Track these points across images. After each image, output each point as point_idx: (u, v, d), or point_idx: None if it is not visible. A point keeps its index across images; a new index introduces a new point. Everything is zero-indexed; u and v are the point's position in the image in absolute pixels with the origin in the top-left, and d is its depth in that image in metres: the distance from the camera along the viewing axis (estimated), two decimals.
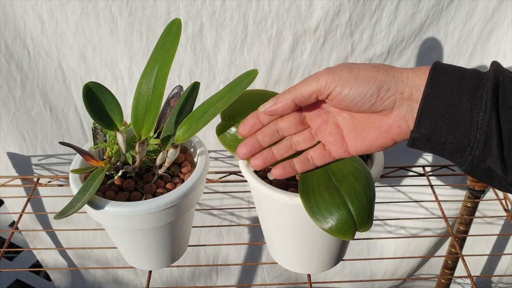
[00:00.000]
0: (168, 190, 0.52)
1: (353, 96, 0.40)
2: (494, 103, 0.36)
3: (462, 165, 0.38)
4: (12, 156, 0.81)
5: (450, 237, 0.87)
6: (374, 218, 0.46)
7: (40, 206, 0.89)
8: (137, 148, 0.52)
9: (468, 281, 1.07)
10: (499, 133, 0.36)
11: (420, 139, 0.39)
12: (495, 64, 0.38)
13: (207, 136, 0.80)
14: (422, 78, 0.38)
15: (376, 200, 0.46)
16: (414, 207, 0.92)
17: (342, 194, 0.44)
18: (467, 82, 0.37)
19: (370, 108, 0.40)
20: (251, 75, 0.48)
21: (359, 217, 0.43)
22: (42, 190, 0.87)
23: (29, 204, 0.75)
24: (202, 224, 0.94)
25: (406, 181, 0.87)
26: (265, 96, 0.49)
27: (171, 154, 0.53)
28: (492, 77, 0.37)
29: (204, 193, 0.59)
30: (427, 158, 0.87)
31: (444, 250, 0.99)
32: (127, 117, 0.53)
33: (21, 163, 0.82)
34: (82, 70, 0.71)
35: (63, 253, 0.97)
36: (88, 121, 0.78)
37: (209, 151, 0.84)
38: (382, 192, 0.89)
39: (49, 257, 0.98)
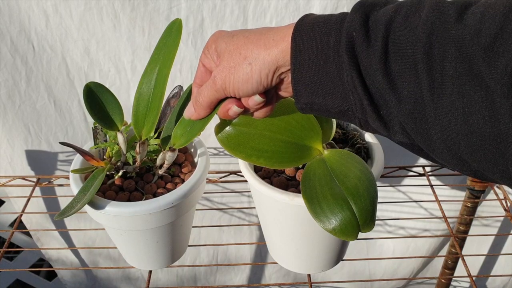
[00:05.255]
0: (169, 190, 0.52)
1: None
2: (352, 62, 0.32)
3: (357, 126, 0.36)
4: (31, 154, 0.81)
5: (450, 237, 0.86)
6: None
7: (41, 205, 0.89)
8: (137, 148, 0.52)
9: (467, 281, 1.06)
10: (367, 92, 0.32)
11: (305, 109, 0.37)
12: (353, 11, 0.33)
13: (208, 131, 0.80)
14: (287, 41, 0.35)
15: None
16: (414, 207, 0.92)
17: (345, 195, 0.44)
18: (331, 42, 0.33)
19: None
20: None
21: (362, 217, 0.43)
22: (42, 190, 0.86)
23: (29, 204, 0.75)
24: (202, 221, 0.93)
25: (406, 181, 0.87)
26: None
27: (169, 156, 0.53)
28: (346, 33, 0.32)
29: (205, 192, 0.58)
30: None
31: (444, 250, 0.98)
32: (130, 109, 0.53)
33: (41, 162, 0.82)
34: (85, 64, 0.72)
35: (72, 250, 0.97)
36: None
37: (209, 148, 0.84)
38: (382, 192, 0.89)
39: (56, 253, 0.98)
